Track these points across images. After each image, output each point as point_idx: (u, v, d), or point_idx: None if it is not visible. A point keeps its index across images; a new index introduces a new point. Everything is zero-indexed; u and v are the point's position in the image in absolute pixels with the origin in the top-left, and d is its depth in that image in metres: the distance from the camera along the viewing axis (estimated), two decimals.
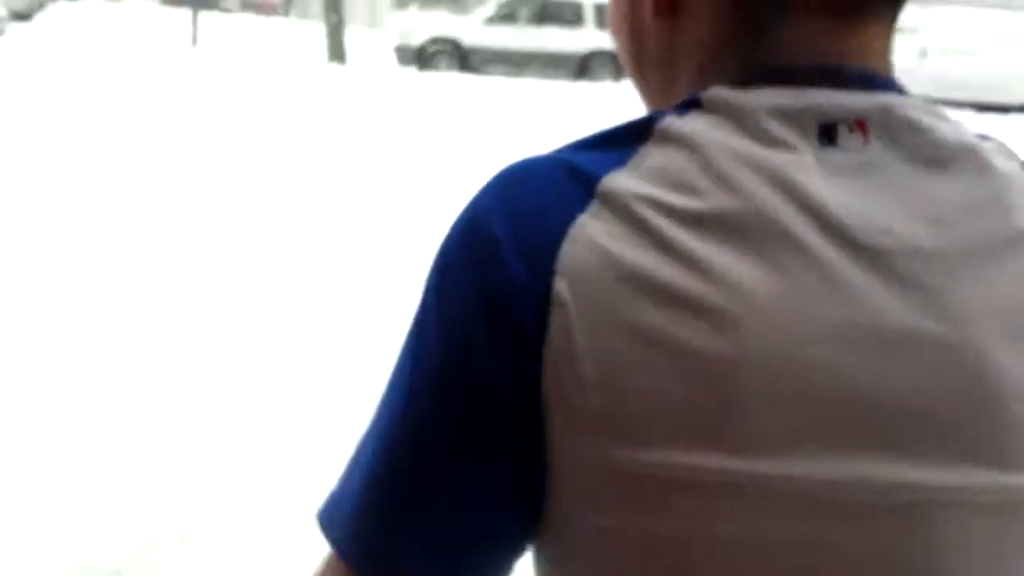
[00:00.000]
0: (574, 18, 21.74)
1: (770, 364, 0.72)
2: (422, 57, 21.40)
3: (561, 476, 0.76)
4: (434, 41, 21.67)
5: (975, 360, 0.73)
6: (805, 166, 0.75)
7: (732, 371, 0.71)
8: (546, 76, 20.23)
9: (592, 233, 0.75)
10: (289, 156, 10.10)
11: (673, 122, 0.78)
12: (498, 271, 0.76)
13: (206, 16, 25.20)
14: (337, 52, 21.10)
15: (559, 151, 0.81)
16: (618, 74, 21.01)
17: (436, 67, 20.94)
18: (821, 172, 0.75)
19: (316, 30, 23.44)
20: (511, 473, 0.77)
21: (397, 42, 22.42)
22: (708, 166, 0.75)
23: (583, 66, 21.31)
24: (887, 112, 0.77)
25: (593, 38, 21.37)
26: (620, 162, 0.77)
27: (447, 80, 18.03)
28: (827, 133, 0.76)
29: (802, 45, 0.80)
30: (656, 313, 0.72)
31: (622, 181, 0.76)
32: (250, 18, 30.61)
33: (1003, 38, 18.86)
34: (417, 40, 21.73)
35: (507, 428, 0.76)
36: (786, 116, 0.76)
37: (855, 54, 0.80)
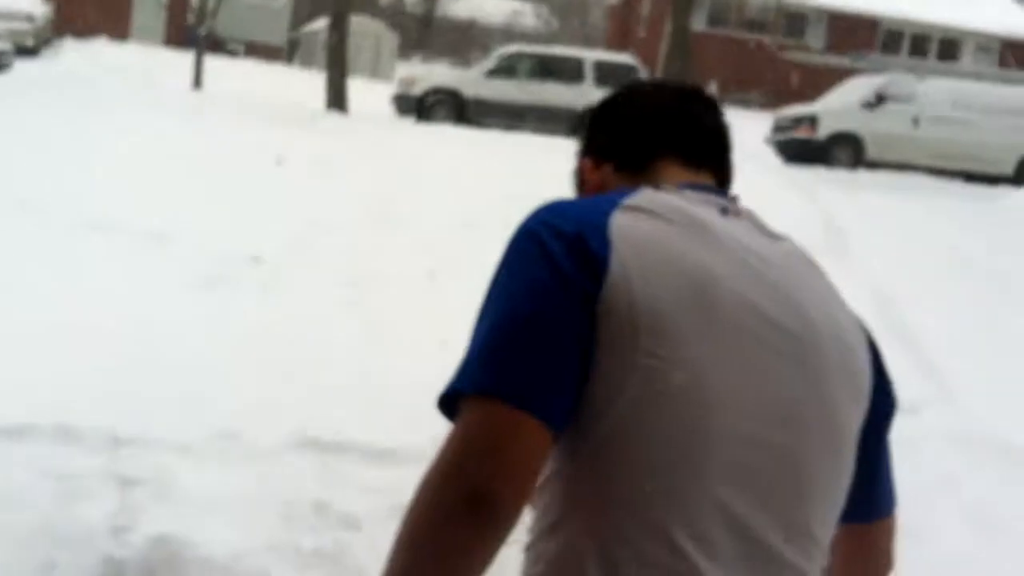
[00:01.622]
0: (574, 74, 21.99)
1: (727, 285, 1.42)
2: (421, 107, 21.62)
3: (601, 350, 1.33)
4: (434, 92, 21.90)
5: (798, 301, 1.50)
6: (715, 219, 1.51)
7: (709, 285, 1.41)
8: (543, 130, 20.29)
9: (623, 219, 1.42)
10: (282, 192, 10.23)
11: (650, 191, 1.53)
12: (571, 231, 1.38)
13: (210, 59, 25.50)
14: (338, 100, 21.26)
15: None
16: None
17: (434, 118, 21.09)
18: (723, 222, 1.52)
19: (319, 78, 23.65)
20: (579, 339, 1.33)
21: (396, 91, 22.72)
22: (672, 202, 1.50)
23: (580, 121, 21.40)
24: (748, 211, 1.60)
25: (591, 94, 21.56)
26: (629, 195, 1.49)
27: (442, 130, 18.19)
28: (724, 211, 1.55)
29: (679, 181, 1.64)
30: (666, 252, 1.40)
31: (634, 200, 1.47)
32: (253, 64, 30.94)
33: (994, 109, 19.12)
34: (417, 91, 22.00)
35: (578, 309, 1.34)
36: (703, 201, 1.55)
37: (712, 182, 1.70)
